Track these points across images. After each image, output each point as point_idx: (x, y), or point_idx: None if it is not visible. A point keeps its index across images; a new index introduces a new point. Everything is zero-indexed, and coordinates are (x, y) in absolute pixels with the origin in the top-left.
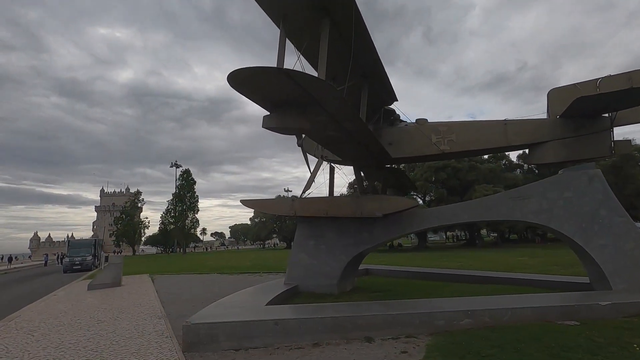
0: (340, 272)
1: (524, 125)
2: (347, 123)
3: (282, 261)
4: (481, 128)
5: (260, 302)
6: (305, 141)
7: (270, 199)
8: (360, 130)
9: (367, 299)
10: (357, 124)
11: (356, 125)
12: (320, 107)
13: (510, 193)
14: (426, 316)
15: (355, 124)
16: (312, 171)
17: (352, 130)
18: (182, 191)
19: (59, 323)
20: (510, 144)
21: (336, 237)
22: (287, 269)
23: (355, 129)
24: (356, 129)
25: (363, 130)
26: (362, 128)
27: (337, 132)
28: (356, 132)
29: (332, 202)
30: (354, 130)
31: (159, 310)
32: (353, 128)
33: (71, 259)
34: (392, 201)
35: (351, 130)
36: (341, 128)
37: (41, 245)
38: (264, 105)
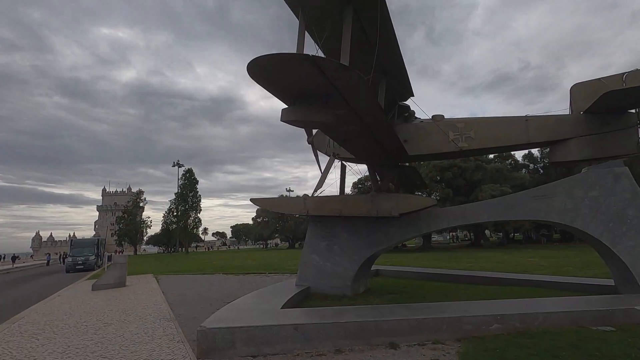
0: (354, 274)
1: (546, 121)
2: (369, 117)
3: (287, 261)
4: (501, 124)
5: (275, 304)
6: (316, 138)
7: (281, 197)
8: (383, 125)
9: (383, 301)
10: (380, 119)
11: (379, 121)
12: (343, 100)
13: (532, 192)
14: (454, 321)
15: (378, 118)
16: (323, 169)
17: (373, 125)
18: (184, 190)
19: (64, 325)
20: (532, 141)
21: (349, 238)
22: (299, 270)
23: (377, 125)
24: (378, 124)
25: (385, 126)
26: (384, 123)
27: (358, 127)
28: (378, 127)
29: (346, 201)
30: (376, 126)
31: (167, 312)
32: (375, 123)
33: (74, 258)
34: (410, 200)
35: (373, 125)
36: (363, 123)
37: (43, 244)
38: (283, 97)
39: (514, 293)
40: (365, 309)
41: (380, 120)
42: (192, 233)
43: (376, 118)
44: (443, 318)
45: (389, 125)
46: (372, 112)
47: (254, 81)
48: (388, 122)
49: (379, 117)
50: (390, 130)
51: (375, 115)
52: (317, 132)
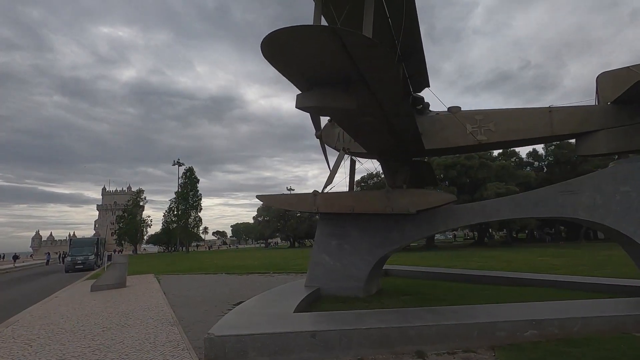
0: (366, 274)
1: (571, 112)
2: (391, 106)
3: (290, 261)
4: (523, 116)
5: (286, 308)
6: (325, 132)
7: (288, 194)
8: (405, 116)
9: (399, 304)
10: (404, 108)
11: (402, 110)
12: (366, 85)
13: (558, 187)
14: (486, 326)
15: (401, 108)
16: (333, 164)
17: (394, 115)
18: (185, 189)
19: (60, 330)
20: (556, 133)
21: (362, 236)
22: (308, 270)
23: (398, 114)
24: (400, 114)
25: (408, 116)
26: (407, 114)
27: (376, 117)
28: (399, 118)
29: (359, 197)
30: (397, 116)
31: (169, 315)
32: (396, 113)
33: (73, 258)
34: (427, 196)
35: (393, 115)
36: (382, 112)
37: (43, 244)
38: (298, 80)
39: (537, 294)
40: (387, 314)
41: (403, 110)
42: (192, 232)
43: (399, 107)
44: (474, 324)
45: (411, 115)
46: (395, 100)
47: (268, 61)
48: (411, 112)
49: (402, 106)
50: (412, 121)
51: (398, 104)
52: (325, 126)
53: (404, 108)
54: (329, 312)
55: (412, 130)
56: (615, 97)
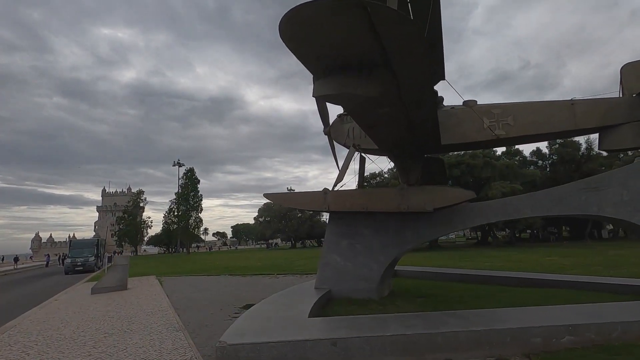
0: (379, 275)
1: (595, 105)
2: (416, 92)
3: (293, 262)
4: (543, 109)
5: (300, 312)
6: (333, 128)
7: (297, 192)
8: (429, 104)
9: (417, 306)
10: (429, 95)
11: (426, 98)
12: (390, 68)
13: (582, 183)
14: (520, 332)
15: (427, 94)
16: (343, 161)
17: (418, 103)
18: (185, 190)
19: (59, 336)
20: (579, 127)
21: (374, 236)
22: (318, 271)
23: (422, 103)
24: (424, 102)
25: (431, 105)
26: (431, 102)
27: (397, 106)
28: (421, 107)
29: (372, 195)
30: (420, 105)
31: (174, 319)
32: (421, 100)
33: (73, 259)
34: (445, 193)
35: (417, 104)
36: (401, 102)
37: (43, 245)
38: (316, 66)
39: (560, 297)
40: (410, 319)
41: (427, 99)
42: (193, 233)
43: (424, 95)
44: (507, 330)
45: (435, 105)
46: (422, 86)
47: (286, 42)
48: (435, 101)
49: (427, 94)
50: (434, 112)
51: (424, 91)
52: (334, 122)
53: (429, 96)
54: (348, 317)
55: (433, 122)
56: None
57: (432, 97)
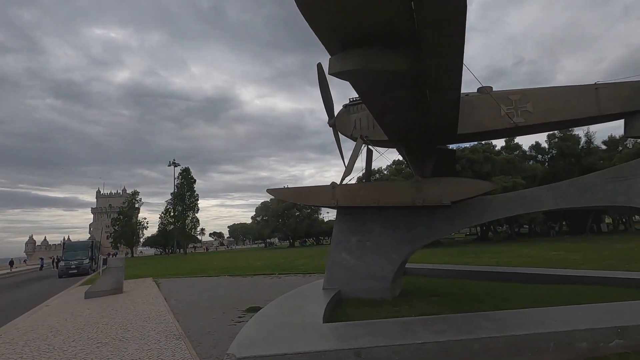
0: (392, 274)
1: (621, 88)
2: (444, 73)
3: (293, 261)
4: (565, 94)
5: (312, 317)
6: (339, 120)
7: (303, 187)
8: (454, 88)
9: (434, 307)
10: (457, 76)
11: (454, 79)
12: (417, 43)
13: (607, 173)
14: (564, 336)
15: (455, 75)
16: (350, 154)
17: (442, 86)
18: (181, 190)
19: (48, 347)
20: (604, 112)
21: (385, 232)
22: (326, 271)
23: (448, 85)
24: (450, 84)
25: (457, 89)
26: (458, 85)
27: (418, 88)
28: (445, 89)
29: (384, 188)
30: (443, 88)
31: (173, 325)
32: (450, 83)
33: (67, 262)
34: (463, 185)
35: (442, 87)
36: (432, 81)
37: (37, 248)
38: (334, 39)
39: (585, 293)
40: (438, 322)
41: (455, 80)
42: (189, 234)
43: (453, 76)
44: (549, 333)
45: (459, 89)
46: (453, 64)
47: (303, 10)
48: (460, 84)
49: (456, 74)
50: (457, 97)
51: (454, 71)
52: (340, 113)
53: (457, 79)
54: (368, 322)
55: (454, 109)
56: None
57: (459, 79)
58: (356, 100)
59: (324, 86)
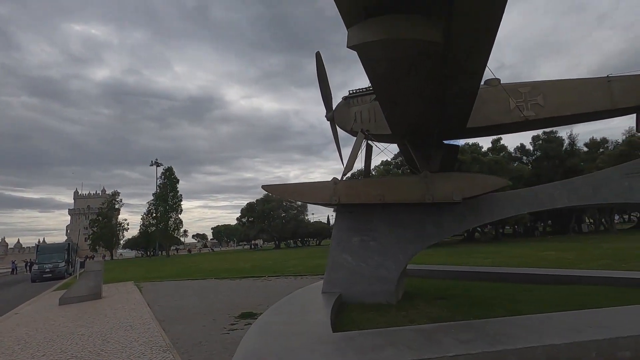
0: (398, 276)
1: (635, 81)
2: (473, 52)
3: (282, 262)
4: (577, 87)
5: (319, 325)
6: (337, 113)
7: (301, 183)
8: (478, 73)
9: (443, 311)
10: (485, 60)
11: (481, 61)
12: (448, 16)
13: (623, 168)
14: (606, 345)
15: (483, 59)
16: (352, 149)
17: (467, 70)
18: (164, 190)
19: None
20: (617, 106)
21: (391, 231)
22: (326, 273)
23: (472, 69)
24: (476, 71)
25: (481, 70)
26: (482, 69)
27: (438, 70)
28: (469, 74)
29: (390, 184)
30: (467, 71)
31: (159, 334)
32: (476, 66)
33: (40, 266)
34: (475, 181)
35: (466, 70)
36: (453, 64)
37: (9, 251)
38: (356, 6)
39: (597, 294)
40: (462, 330)
41: (480, 65)
42: (172, 235)
43: (481, 58)
44: (590, 342)
45: (480, 76)
46: (481, 43)
47: None
48: (482, 70)
49: (484, 60)
50: (477, 84)
51: (481, 56)
52: (339, 105)
53: (484, 58)
54: (385, 331)
55: (471, 98)
56: None
57: (486, 61)
58: (357, 92)
59: (322, 76)
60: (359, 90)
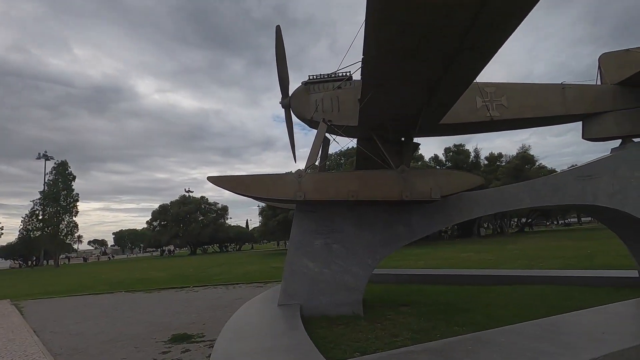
0: (365, 283)
1: (583, 90)
2: (508, 12)
3: (204, 270)
4: (536, 91)
5: (305, 351)
6: (295, 100)
7: (259, 174)
8: (496, 45)
9: (422, 320)
10: (512, 27)
11: (508, 30)
12: None
13: (576, 172)
14: (634, 353)
15: (509, 28)
16: (314, 139)
17: (483, 43)
18: (55, 188)
19: None
20: (569, 112)
21: (358, 233)
22: (284, 282)
23: (495, 38)
24: (497, 37)
25: (496, 48)
26: (503, 41)
27: (458, 40)
28: (486, 47)
29: (366, 179)
30: (486, 46)
31: None
32: (491, 46)
33: None
34: (452, 178)
35: (481, 44)
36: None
37: None
38: None
39: (565, 295)
40: (475, 345)
41: (500, 40)
42: (63, 241)
43: (505, 31)
44: (622, 352)
45: (492, 55)
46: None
47: None
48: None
49: (508, 30)
50: (477, 73)
51: (513, 20)
52: (298, 91)
53: (509, 32)
54: (389, 355)
55: (464, 87)
56: (621, 78)
57: (507, 36)
58: (317, 78)
59: (280, 55)
60: (320, 76)
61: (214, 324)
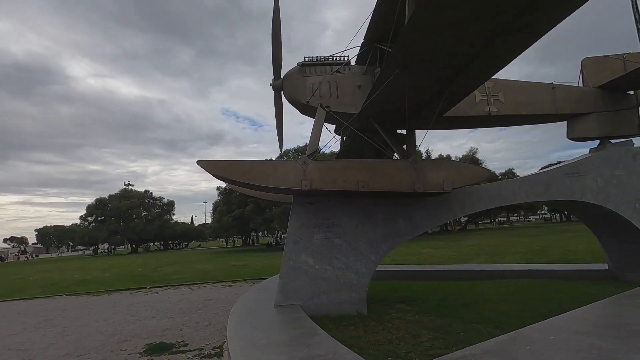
0: (369, 280)
1: (570, 91)
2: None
3: (157, 269)
4: (529, 89)
5: None
6: (289, 83)
7: (259, 160)
8: (541, 31)
9: (425, 316)
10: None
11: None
12: None
13: (564, 169)
14: None
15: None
16: (313, 125)
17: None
18: None
19: None
20: (558, 112)
21: (361, 227)
22: (281, 280)
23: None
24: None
25: (540, 35)
26: (551, 27)
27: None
28: (535, 29)
29: (375, 168)
30: (536, 27)
31: None
32: (550, 15)
33: None
34: (463, 170)
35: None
36: None
37: None
38: None
39: (549, 286)
40: (512, 349)
41: (547, 25)
42: None
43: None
44: None
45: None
46: None
47: None
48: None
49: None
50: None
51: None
52: (292, 72)
53: (560, 18)
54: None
55: (495, 70)
56: (601, 82)
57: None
58: (314, 60)
59: (276, 29)
60: (317, 58)
61: (193, 330)
